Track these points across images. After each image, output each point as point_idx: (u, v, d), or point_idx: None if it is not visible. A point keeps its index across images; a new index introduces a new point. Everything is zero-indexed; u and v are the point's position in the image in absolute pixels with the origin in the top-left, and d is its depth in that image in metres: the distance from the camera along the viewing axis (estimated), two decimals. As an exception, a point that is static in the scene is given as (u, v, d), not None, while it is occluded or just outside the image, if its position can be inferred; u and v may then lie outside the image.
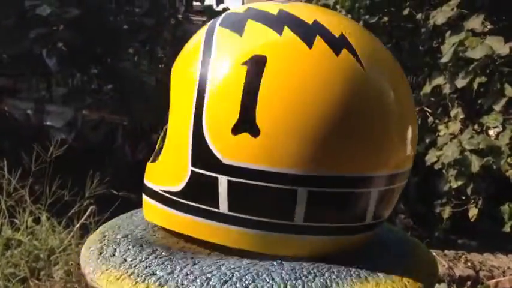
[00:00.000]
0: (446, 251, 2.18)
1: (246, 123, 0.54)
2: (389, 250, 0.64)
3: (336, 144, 0.54)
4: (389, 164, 0.58)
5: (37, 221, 1.86)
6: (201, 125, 0.56)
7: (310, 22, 0.58)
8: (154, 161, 0.65)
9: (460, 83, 2.20)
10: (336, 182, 0.55)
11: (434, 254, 2.08)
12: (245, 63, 0.55)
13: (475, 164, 2.22)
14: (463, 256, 2.16)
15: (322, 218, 0.57)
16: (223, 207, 0.57)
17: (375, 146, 0.57)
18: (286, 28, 0.57)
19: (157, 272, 0.55)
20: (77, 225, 1.82)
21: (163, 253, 0.60)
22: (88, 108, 4.04)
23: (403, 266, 0.59)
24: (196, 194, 0.58)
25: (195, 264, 0.57)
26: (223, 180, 0.56)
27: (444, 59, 2.23)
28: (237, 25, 0.59)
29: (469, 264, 2.08)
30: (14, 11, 3.47)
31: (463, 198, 2.58)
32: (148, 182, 0.64)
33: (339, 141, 0.55)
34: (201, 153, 0.57)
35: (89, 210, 1.85)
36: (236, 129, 0.54)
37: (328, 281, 0.54)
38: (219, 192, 0.56)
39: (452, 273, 1.97)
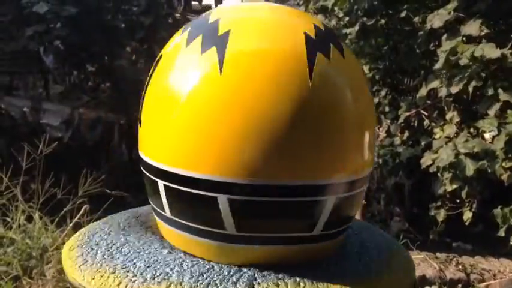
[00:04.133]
0: (437, 254, 2.19)
1: (140, 115, 0.59)
2: (362, 255, 0.63)
3: (258, 152, 0.51)
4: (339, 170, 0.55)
5: (30, 219, 1.86)
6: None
7: (221, 32, 0.56)
8: None
9: (454, 88, 2.21)
10: (270, 190, 0.52)
11: (425, 256, 2.09)
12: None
13: (470, 167, 2.22)
14: (455, 259, 2.16)
15: (255, 228, 0.54)
16: (167, 210, 0.57)
17: (311, 154, 0.53)
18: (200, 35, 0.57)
19: (115, 260, 0.57)
20: (70, 224, 1.81)
21: (135, 243, 0.61)
22: (85, 107, 4.04)
23: (374, 272, 0.58)
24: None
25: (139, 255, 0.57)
26: (161, 184, 0.56)
27: (437, 66, 2.24)
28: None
29: (460, 267, 2.08)
30: (11, 7, 3.47)
31: (458, 201, 2.58)
32: None
33: (261, 150, 0.51)
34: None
35: (82, 209, 1.85)
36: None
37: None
38: (161, 196, 0.57)
39: (443, 276, 1.97)
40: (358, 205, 0.61)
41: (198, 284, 0.52)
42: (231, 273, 0.54)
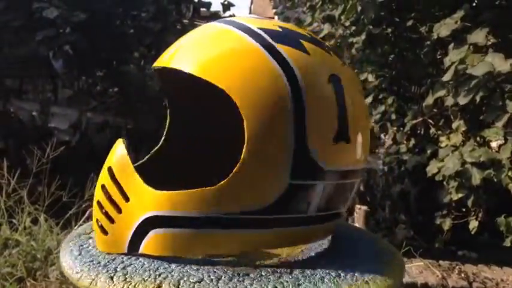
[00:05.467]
0: (440, 262, 2.18)
1: (343, 133, 0.61)
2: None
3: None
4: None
5: (35, 221, 1.88)
6: (305, 140, 0.58)
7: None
8: (185, 188, 0.59)
9: (462, 100, 2.19)
10: None
11: (428, 264, 2.08)
12: (329, 81, 0.62)
13: (476, 176, 2.21)
14: (457, 267, 2.15)
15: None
16: (312, 210, 0.61)
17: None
18: (332, 52, 0.67)
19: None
20: (76, 227, 1.83)
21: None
22: (92, 111, 4.07)
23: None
24: (288, 206, 0.60)
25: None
26: (320, 186, 0.61)
27: (445, 78, 2.22)
28: (297, 44, 0.63)
29: (463, 275, 2.07)
30: (22, 12, 3.50)
31: (464, 210, 2.57)
32: (198, 211, 0.58)
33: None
34: (305, 164, 0.59)
35: (87, 212, 1.86)
36: (336, 139, 0.61)
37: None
38: (313, 198, 0.61)
39: (445, 283, 1.96)
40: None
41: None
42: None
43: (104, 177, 0.61)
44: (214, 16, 4.24)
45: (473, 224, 2.48)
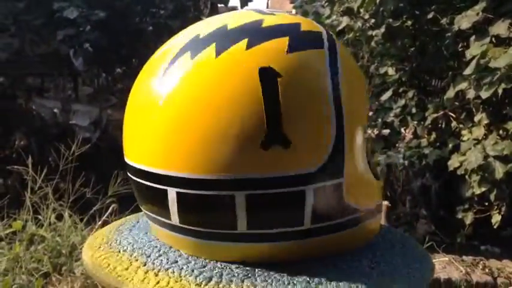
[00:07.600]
0: (464, 257, 2.15)
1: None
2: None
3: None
4: None
5: (60, 217, 1.91)
6: None
7: None
8: None
9: (484, 94, 2.16)
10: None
11: (451, 259, 2.06)
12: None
13: (499, 170, 2.19)
14: (481, 262, 2.12)
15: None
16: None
17: None
18: None
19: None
20: (99, 223, 1.86)
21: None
22: (113, 108, 4.12)
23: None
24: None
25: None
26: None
27: (467, 71, 2.19)
28: None
29: (487, 270, 2.04)
30: (43, 11, 3.55)
31: (486, 204, 2.54)
32: None
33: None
34: None
35: (110, 208, 1.89)
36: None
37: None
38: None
39: (469, 279, 1.94)
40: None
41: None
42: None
43: None
44: (232, 12, 4.24)
45: (496, 218, 2.45)
